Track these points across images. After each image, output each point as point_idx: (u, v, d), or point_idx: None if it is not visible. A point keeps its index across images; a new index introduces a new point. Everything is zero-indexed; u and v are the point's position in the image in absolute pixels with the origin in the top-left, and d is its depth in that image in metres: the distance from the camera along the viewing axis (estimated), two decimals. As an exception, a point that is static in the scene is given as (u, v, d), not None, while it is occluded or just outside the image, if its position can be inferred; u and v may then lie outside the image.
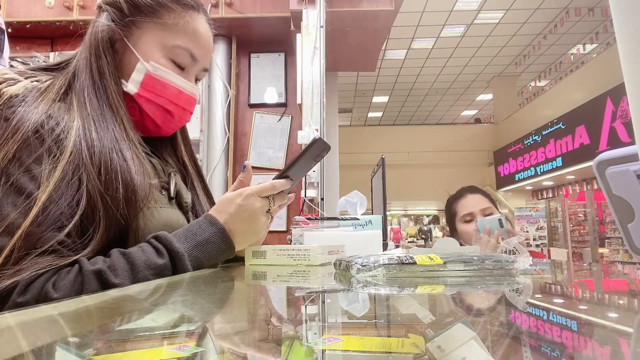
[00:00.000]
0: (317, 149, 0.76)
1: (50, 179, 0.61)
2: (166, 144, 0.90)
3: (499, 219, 1.52)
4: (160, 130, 0.83)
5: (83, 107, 0.70)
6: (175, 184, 0.83)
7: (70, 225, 0.61)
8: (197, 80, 0.85)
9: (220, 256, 0.73)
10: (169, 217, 0.76)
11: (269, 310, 0.45)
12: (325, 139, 0.76)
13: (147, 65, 0.75)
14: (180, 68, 0.79)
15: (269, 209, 0.77)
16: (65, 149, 0.64)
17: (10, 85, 0.68)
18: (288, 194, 0.82)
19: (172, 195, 0.81)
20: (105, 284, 0.59)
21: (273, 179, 0.77)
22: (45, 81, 0.72)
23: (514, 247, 0.74)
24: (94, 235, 0.63)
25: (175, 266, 0.66)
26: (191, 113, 0.85)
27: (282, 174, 0.78)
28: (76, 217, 0.62)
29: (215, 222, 0.72)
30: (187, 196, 0.87)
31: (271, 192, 0.76)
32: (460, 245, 1.82)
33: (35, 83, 0.71)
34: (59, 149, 0.64)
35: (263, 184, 0.76)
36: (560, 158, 7.99)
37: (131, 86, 0.76)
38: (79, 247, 0.62)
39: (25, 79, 0.71)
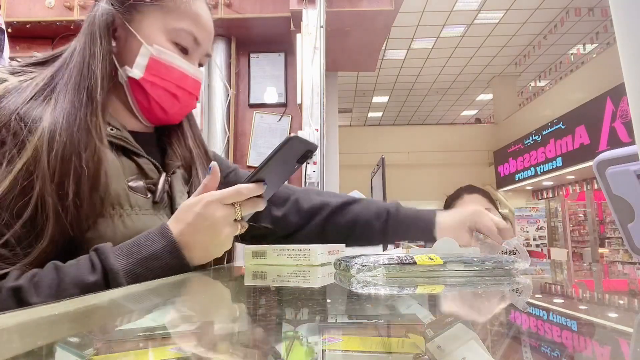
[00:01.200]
0: (294, 150, 0.65)
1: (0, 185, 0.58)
2: (175, 135, 0.86)
3: None
4: (168, 116, 0.80)
5: (60, 100, 0.67)
6: (168, 185, 0.78)
7: (8, 235, 0.58)
8: (200, 65, 0.83)
9: (169, 273, 0.63)
10: (146, 225, 0.69)
11: (268, 310, 0.45)
12: (308, 138, 0.69)
13: (151, 49, 0.74)
14: (184, 52, 0.78)
15: (236, 219, 0.67)
16: (24, 152, 0.61)
17: None
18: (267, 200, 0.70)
19: (156, 199, 0.74)
20: (22, 303, 0.55)
21: (245, 181, 0.66)
22: (32, 78, 0.70)
23: (514, 248, 0.74)
24: (37, 244, 0.60)
25: (108, 285, 0.59)
26: (197, 98, 0.83)
27: (251, 178, 0.66)
28: (16, 227, 0.59)
29: (167, 234, 0.63)
30: (182, 200, 0.78)
31: (236, 199, 0.65)
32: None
33: (21, 79, 0.68)
34: (18, 152, 0.61)
35: (226, 189, 0.65)
36: (560, 158, 7.99)
37: (136, 70, 0.74)
38: (19, 257, 0.59)
39: (17, 76, 0.69)
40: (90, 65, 0.70)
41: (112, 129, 0.72)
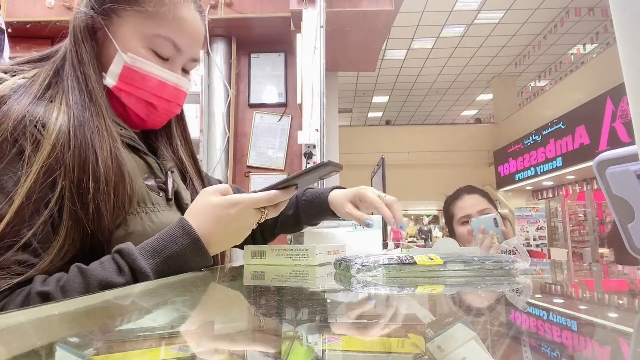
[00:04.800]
0: (326, 171, 0.71)
1: (21, 188, 0.58)
2: (162, 138, 0.85)
3: (494, 218, 1.49)
4: (146, 123, 0.78)
5: (65, 100, 0.67)
6: (174, 183, 0.79)
7: (28, 235, 0.57)
8: (186, 71, 0.79)
9: (194, 268, 0.66)
10: (169, 221, 0.70)
11: (268, 310, 0.45)
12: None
13: (125, 57, 0.71)
14: (164, 58, 0.74)
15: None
16: (40, 153, 0.60)
17: None
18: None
19: (169, 197, 0.76)
20: None
21: (269, 188, 0.68)
22: (32, 76, 0.69)
23: (514, 248, 0.74)
24: (56, 245, 0.60)
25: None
26: (179, 105, 0.79)
27: (282, 185, 0.69)
28: (35, 228, 0.58)
29: (190, 231, 0.63)
30: (187, 196, 0.82)
31: (267, 204, 0.68)
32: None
33: (21, 80, 0.67)
34: (35, 151, 0.60)
35: (260, 195, 0.67)
36: (560, 158, 7.99)
37: (109, 79, 0.72)
38: (41, 261, 0.59)
39: (12, 76, 0.68)
40: (83, 70, 0.70)
41: (121, 129, 0.72)
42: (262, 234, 1.07)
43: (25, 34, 2.91)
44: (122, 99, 0.74)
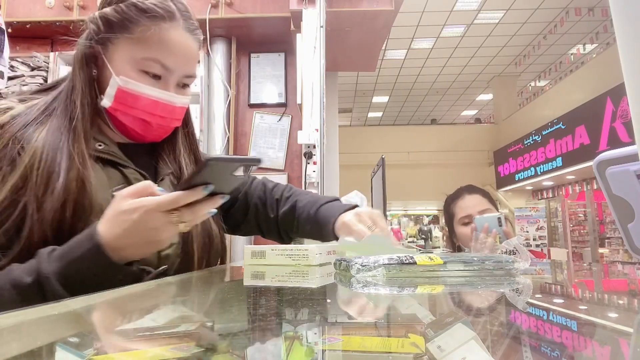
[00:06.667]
0: (233, 167, 0.60)
1: None
2: (166, 146, 0.89)
3: (498, 218, 1.49)
4: (145, 137, 0.84)
5: (50, 124, 0.75)
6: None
7: None
8: (184, 86, 0.84)
9: (102, 275, 0.62)
10: None
11: (268, 310, 0.45)
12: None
13: (118, 80, 0.78)
14: (157, 78, 0.80)
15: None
16: (15, 171, 0.68)
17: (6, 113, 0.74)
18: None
19: None
20: None
21: (178, 189, 0.63)
22: (35, 104, 0.78)
23: (514, 248, 0.74)
24: (14, 251, 0.66)
25: (43, 288, 0.59)
26: (175, 119, 0.85)
27: (186, 186, 0.62)
28: None
29: (94, 237, 0.62)
30: None
31: (171, 206, 0.62)
32: (460, 248, 1.79)
33: (23, 107, 0.76)
34: (11, 170, 0.68)
35: (162, 197, 0.62)
36: (560, 158, 7.99)
37: (106, 100, 0.79)
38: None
39: (23, 103, 0.77)
40: (72, 97, 0.78)
41: (100, 145, 0.79)
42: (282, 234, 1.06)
43: (25, 34, 2.91)
44: (118, 117, 0.80)
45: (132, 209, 0.62)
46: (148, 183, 0.66)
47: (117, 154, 0.80)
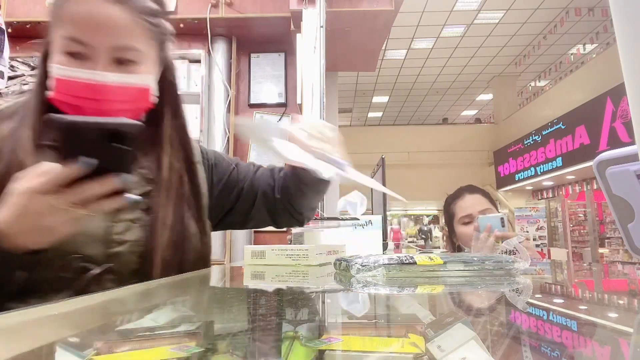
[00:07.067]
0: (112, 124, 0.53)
1: None
2: (146, 140, 0.80)
3: (501, 218, 1.50)
4: None
5: (16, 118, 0.75)
6: None
7: None
8: (124, 62, 0.74)
9: None
10: (87, 226, 0.67)
11: (268, 310, 0.45)
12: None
13: (50, 68, 0.73)
14: (82, 57, 0.72)
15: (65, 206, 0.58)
16: None
17: None
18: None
19: None
20: None
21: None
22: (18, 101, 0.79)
23: (514, 248, 0.74)
24: None
25: None
26: (118, 101, 0.74)
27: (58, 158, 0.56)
28: None
29: None
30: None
31: (49, 186, 0.56)
32: (460, 248, 1.78)
33: (9, 104, 0.78)
34: None
35: (40, 179, 0.57)
36: (560, 158, 7.99)
37: (50, 92, 0.74)
38: None
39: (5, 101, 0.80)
40: (28, 93, 0.78)
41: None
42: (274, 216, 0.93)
43: (25, 34, 2.91)
44: (59, 108, 0.73)
45: (20, 192, 0.58)
46: (47, 164, 0.58)
47: None
